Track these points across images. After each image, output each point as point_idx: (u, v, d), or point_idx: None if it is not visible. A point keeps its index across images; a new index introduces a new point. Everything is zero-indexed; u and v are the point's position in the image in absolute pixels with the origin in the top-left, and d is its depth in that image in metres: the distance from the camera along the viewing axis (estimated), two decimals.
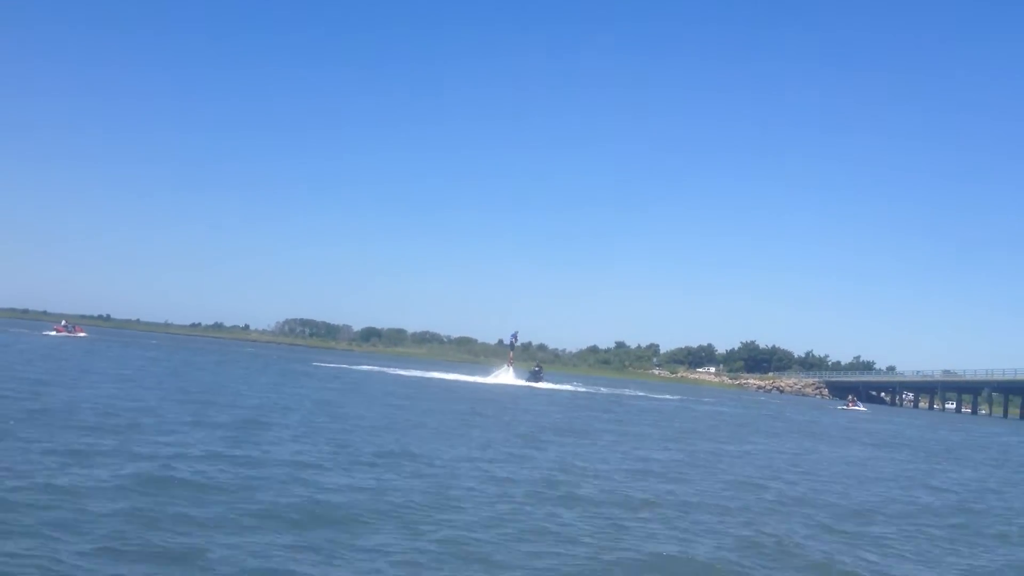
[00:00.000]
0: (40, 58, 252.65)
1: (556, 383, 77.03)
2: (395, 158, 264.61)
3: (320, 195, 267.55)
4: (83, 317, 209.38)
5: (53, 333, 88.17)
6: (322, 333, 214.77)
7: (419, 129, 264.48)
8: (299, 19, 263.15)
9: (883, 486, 20.37)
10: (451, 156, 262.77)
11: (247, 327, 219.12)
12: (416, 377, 65.36)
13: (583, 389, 74.20)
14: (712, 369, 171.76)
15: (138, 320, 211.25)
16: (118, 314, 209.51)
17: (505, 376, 71.37)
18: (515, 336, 79.07)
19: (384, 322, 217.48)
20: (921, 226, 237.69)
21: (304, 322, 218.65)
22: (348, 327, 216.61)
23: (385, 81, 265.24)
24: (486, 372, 78.72)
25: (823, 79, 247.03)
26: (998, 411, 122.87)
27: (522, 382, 70.23)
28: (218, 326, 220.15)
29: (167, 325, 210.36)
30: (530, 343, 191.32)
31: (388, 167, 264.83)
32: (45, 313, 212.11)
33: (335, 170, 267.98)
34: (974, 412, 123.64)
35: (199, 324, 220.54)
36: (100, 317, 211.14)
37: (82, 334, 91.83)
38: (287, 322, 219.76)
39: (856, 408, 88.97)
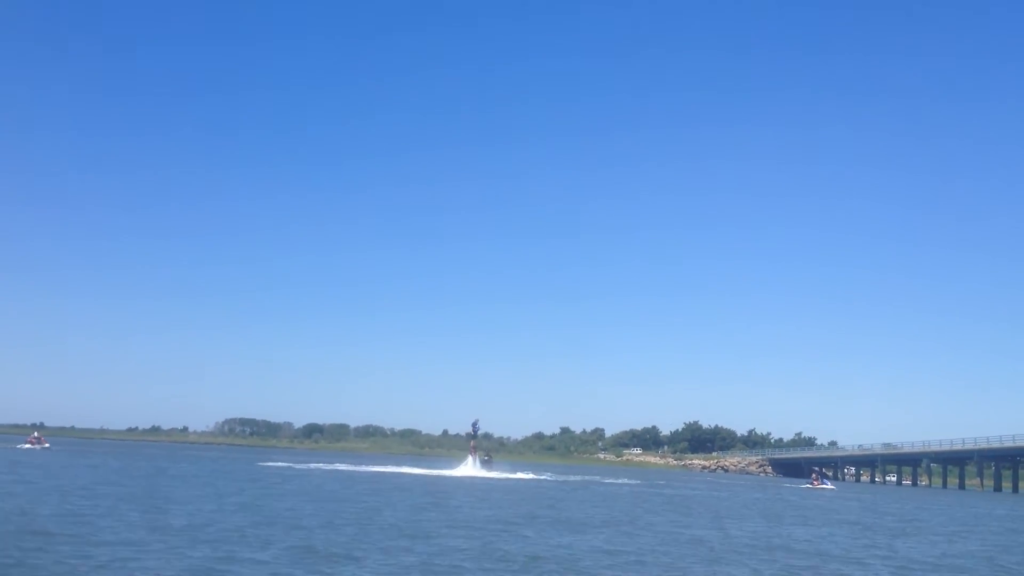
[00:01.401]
0: None
1: (506, 472, 75.16)
2: (326, 255, 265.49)
3: (255, 294, 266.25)
4: (15, 426, 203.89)
5: (27, 446, 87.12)
6: (263, 432, 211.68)
7: (349, 229, 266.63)
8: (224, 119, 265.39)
9: None
10: (380, 254, 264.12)
11: (185, 429, 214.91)
12: (390, 473, 64.04)
13: (545, 477, 73.63)
14: (660, 451, 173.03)
15: (72, 427, 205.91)
16: (51, 421, 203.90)
17: (471, 468, 70.20)
18: (476, 425, 76.60)
19: (325, 417, 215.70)
20: (857, 297, 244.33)
21: (244, 421, 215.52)
22: (289, 424, 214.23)
23: (310, 182, 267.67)
24: (448, 465, 77.71)
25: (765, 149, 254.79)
26: (937, 482, 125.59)
27: (495, 473, 69.00)
28: (155, 429, 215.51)
29: (103, 431, 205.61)
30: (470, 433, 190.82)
31: (319, 262, 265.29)
32: None
33: (268, 271, 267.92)
34: (914, 484, 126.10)
35: (136, 428, 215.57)
36: (33, 425, 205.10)
37: (46, 445, 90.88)
38: (227, 422, 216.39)
39: (823, 487, 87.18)
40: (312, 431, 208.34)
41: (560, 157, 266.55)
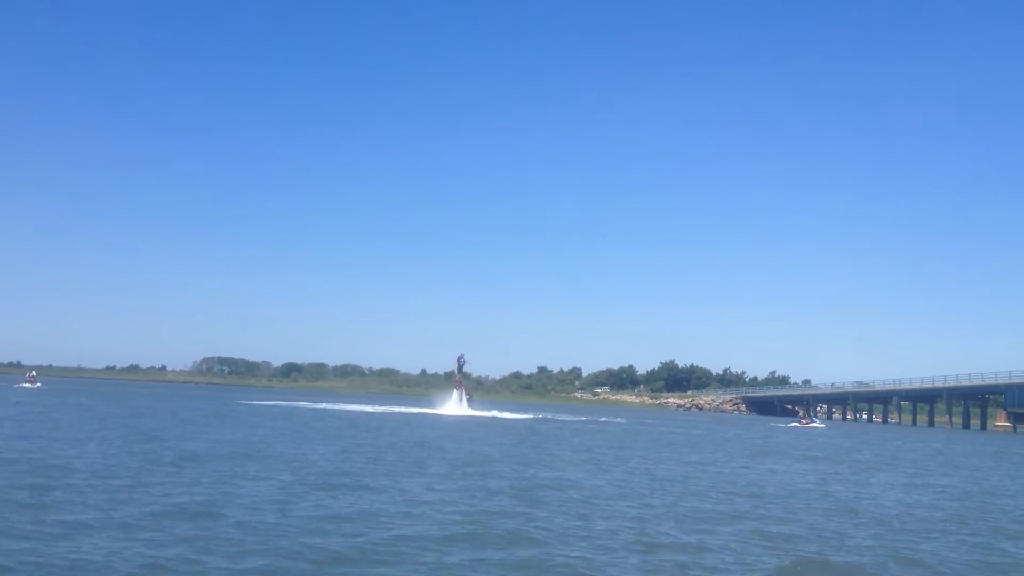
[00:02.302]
0: None
1: (485, 410, 74.70)
2: (307, 195, 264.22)
3: (235, 232, 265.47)
4: None
5: (27, 385, 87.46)
6: (241, 371, 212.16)
7: (329, 170, 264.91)
8: (245, 70, 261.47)
9: None
10: (363, 192, 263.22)
11: (164, 368, 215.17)
12: (376, 412, 63.59)
13: (542, 416, 73.09)
14: (636, 390, 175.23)
15: (50, 366, 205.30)
16: (28, 360, 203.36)
17: (456, 405, 69.54)
18: (462, 359, 73.71)
19: (303, 356, 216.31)
20: (832, 237, 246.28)
21: (222, 360, 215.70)
22: (268, 363, 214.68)
23: (297, 128, 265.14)
24: (430, 403, 77.04)
25: (733, 95, 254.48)
26: (907, 419, 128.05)
27: (479, 412, 68.28)
28: (134, 368, 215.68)
29: (80, 369, 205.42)
30: (453, 371, 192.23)
31: (299, 204, 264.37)
32: None
33: (249, 209, 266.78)
34: (884, 421, 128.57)
35: (113, 367, 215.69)
36: (11, 364, 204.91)
37: (38, 384, 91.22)
38: (204, 360, 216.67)
39: (813, 425, 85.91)
40: (290, 370, 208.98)
41: (542, 99, 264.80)
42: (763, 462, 32.68)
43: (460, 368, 74.10)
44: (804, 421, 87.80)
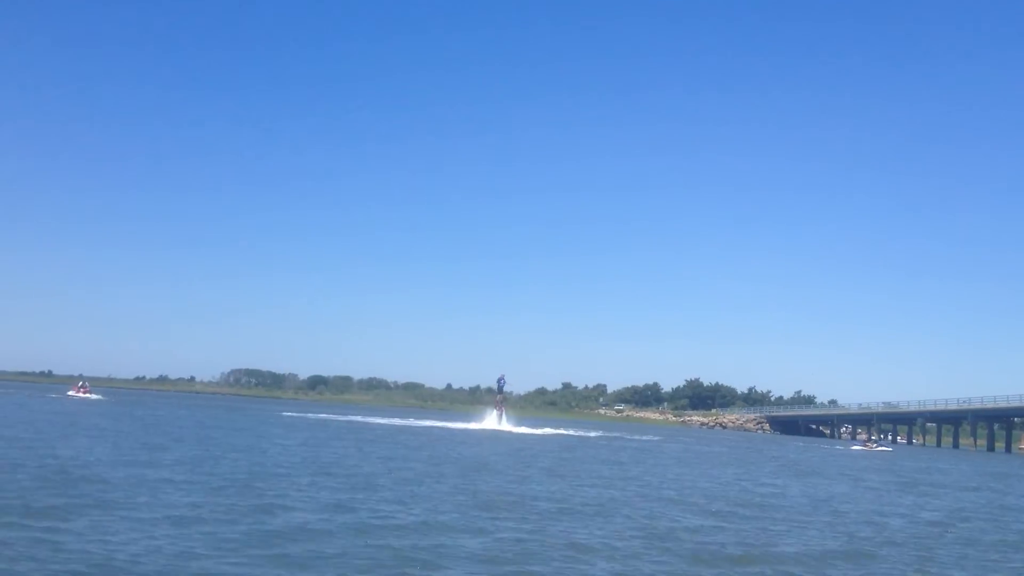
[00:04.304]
0: None
1: (522, 427, 73.72)
2: (332, 208, 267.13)
3: (263, 244, 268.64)
4: (23, 374, 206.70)
5: (80, 395, 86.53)
6: (268, 383, 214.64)
7: (364, 180, 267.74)
8: (260, 78, 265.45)
9: None
10: (386, 208, 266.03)
11: (192, 379, 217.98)
12: (424, 427, 64.48)
13: (572, 432, 73.58)
14: (660, 408, 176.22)
15: (80, 375, 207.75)
16: (60, 370, 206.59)
17: (495, 422, 71.01)
18: (502, 380, 74.18)
19: (329, 369, 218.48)
20: (859, 257, 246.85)
21: (250, 372, 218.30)
22: (294, 376, 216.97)
23: (325, 137, 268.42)
24: (464, 418, 78.76)
25: (762, 110, 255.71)
26: (931, 440, 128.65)
27: (518, 428, 69.08)
28: (163, 379, 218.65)
29: (111, 380, 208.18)
30: (478, 386, 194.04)
31: (332, 217, 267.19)
32: None
33: (279, 222, 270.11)
34: (909, 442, 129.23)
35: (143, 377, 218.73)
36: (42, 373, 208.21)
37: (91, 395, 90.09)
38: (232, 372, 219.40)
39: (881, 448, 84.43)
40: (316, 383, 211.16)
41: (566, 113, 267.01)
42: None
43: (500, 388, 75.21)
44: (870, 445, 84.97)
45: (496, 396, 75.96)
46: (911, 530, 19.31)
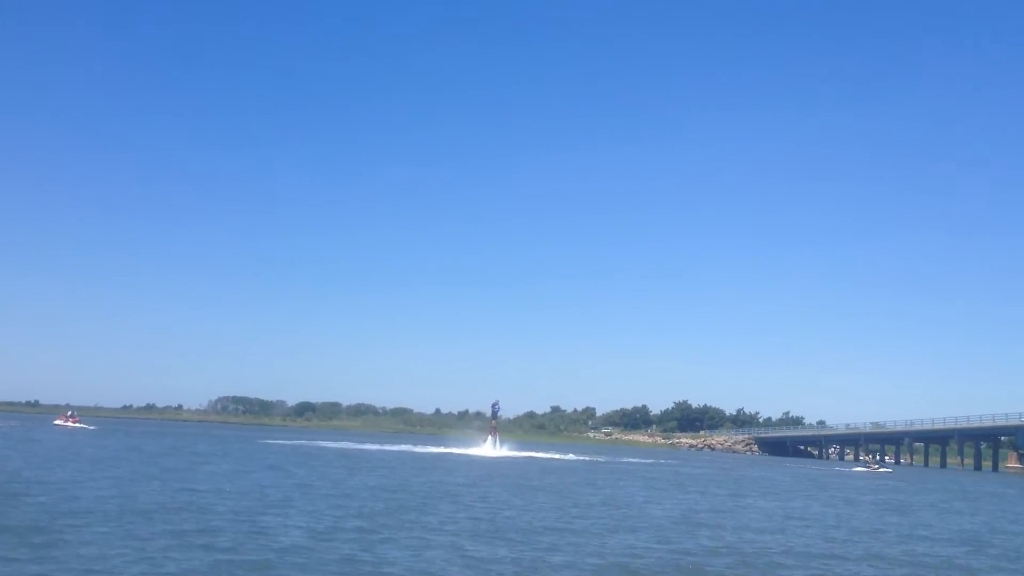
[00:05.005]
0: None
1: (513, 451, 76.11)
2: (318, 235, 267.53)
3: (248, 274, 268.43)
4: (9, 404, 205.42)
5: (68, 424, 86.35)
6: (255, 410, 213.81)
7: (340, 209, 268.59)
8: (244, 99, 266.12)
9: None
10: (371, 235, 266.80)
11: (180, 407, 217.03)
12: (429, 453, 65.20)
13: (570, 457, 74.13)
14: (648, 430, 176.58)
15: (68, 404, 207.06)
16: (46, 399, 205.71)
17: (491, 448, 72.24)
18: (496, 406, 76.01)
19: (317, 396, 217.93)
20: (846, 280, 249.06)
21: (237, 399, 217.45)
22: (282, 402, 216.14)
23: (308, 162, 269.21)
24: (456, 444, 79.48)
25: (760, 123, 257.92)
26: (918, 460, 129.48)
27: (513, 453, 70.67)
28: (150, 407, 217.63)
29: (98, 408, 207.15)
30: (467, 410, 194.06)
31: (311, 242, 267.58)
32: None
33: (264, 249, 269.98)
34: (897, 462, 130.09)
35: (130, 406, 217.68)
36: (28, 403, 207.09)
37: (80, 424, 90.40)
38: (219, 400, 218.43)
39: (884, 470, 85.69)
40: (304, 409, 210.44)
41: (550, 139, 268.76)
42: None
43: (495, 414, 76.69)
44: (873, 466, 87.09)
45: (491, 422, 76.88)
46: None
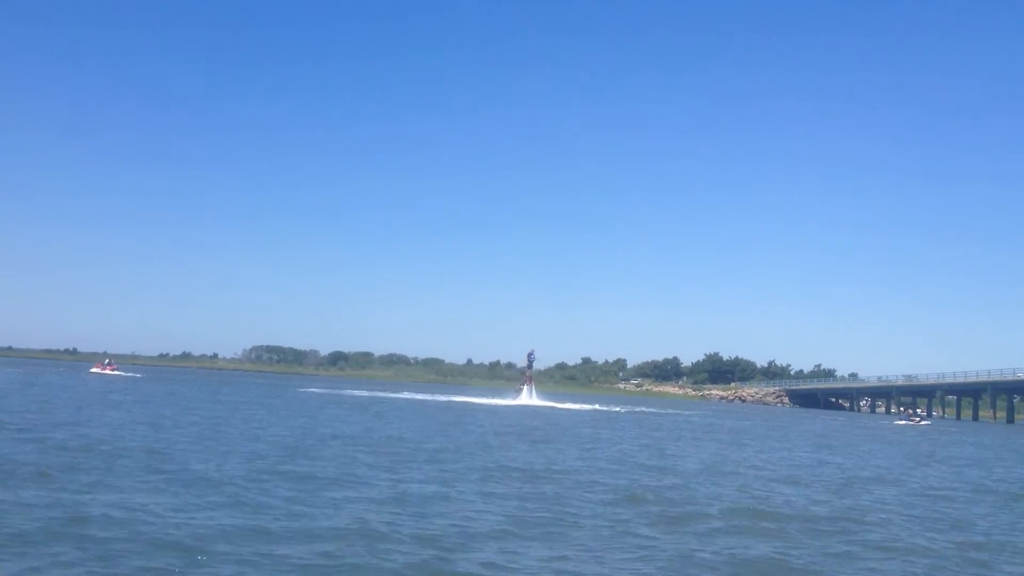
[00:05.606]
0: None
1: (551, 401, 76.10)
2: (352, 184, 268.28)
3: (283, 222, 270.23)
4: (49, 351, 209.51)
5: (105, 372, 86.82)
6: (289, 359, 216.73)
7: (374, 159, 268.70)
8: (261, 57, 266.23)
9: None
10: (406, 183, 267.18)
11: (215, 356, 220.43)
12: (459, 403, 65.83)
13: (615, 409, 74.48)
14: (679, 382, 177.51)
15: (105, 352, 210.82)
16: (84, 347, 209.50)
17: (527, 397, 72.73)
18: (532, 355, 74.81)
19: (350, 345, 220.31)
20: (881, 231, 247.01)
21: (271, 349, 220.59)
22: (315, 352, 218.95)
23: (342, 114, 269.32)
24: (487, 394, 79.91)
25: (786, 88, 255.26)
26: (950, 413, 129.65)
27: (549, 403, 70.76)
28: (186, 355, 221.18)
29: (135, 356, 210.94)
30: (498, 361, 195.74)
31: (346, 192, 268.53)
32: (10, 348, 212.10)
33: (297, 200, 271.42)
34: (928, 414, 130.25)
35: (167, 354, 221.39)
36: (67, 351, 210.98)
37: (117, 371, 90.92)
38: (254, 349, 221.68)
39: (925, 423, 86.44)
40: (337, 359, 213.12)
41: (579, 87, 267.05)
42: None
43: (530, 364, 75.45)
44: (915, 420, 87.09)
45: (526, 371, 76.69)
46: None
